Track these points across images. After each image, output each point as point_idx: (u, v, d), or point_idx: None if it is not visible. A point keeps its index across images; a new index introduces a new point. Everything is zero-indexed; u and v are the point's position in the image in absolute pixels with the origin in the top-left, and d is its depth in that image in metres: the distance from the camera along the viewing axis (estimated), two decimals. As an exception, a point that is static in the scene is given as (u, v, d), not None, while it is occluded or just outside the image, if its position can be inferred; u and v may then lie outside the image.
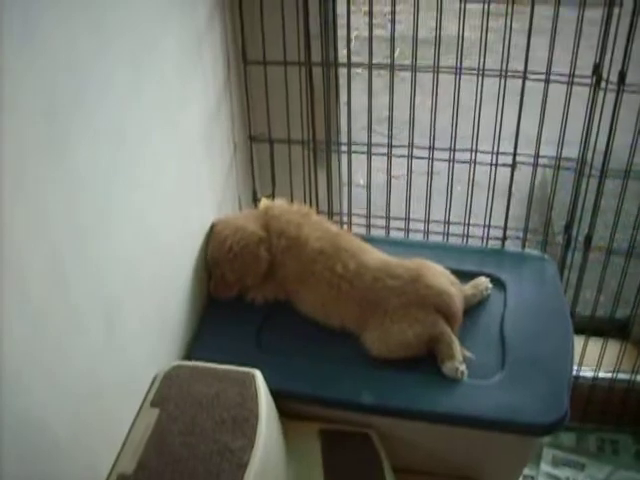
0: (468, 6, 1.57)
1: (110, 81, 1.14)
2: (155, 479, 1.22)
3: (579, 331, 1.89)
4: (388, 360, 1.50)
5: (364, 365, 1.50)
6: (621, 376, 1.95)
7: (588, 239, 1.74)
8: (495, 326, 1.58)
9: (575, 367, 1.93)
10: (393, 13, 1.61)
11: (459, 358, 1.48)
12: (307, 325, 1.59)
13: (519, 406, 1.40)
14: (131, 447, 1.27)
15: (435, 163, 1.76)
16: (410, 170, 1.78)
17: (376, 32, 1.66)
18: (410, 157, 1.76)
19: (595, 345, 1.95)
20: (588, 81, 1.59)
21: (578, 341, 1.89)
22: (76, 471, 1.12)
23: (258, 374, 1.38)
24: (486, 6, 1.56)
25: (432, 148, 1.74)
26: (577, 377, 1.96)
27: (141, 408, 1.34)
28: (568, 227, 1.77)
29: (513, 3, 1.54)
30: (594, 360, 1.96)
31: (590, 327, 1.92)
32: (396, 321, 1.51)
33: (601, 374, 1.97)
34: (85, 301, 1.10)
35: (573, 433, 2.03)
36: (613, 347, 1.97)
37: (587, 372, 1.98)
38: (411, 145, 1.75)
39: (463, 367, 1.47)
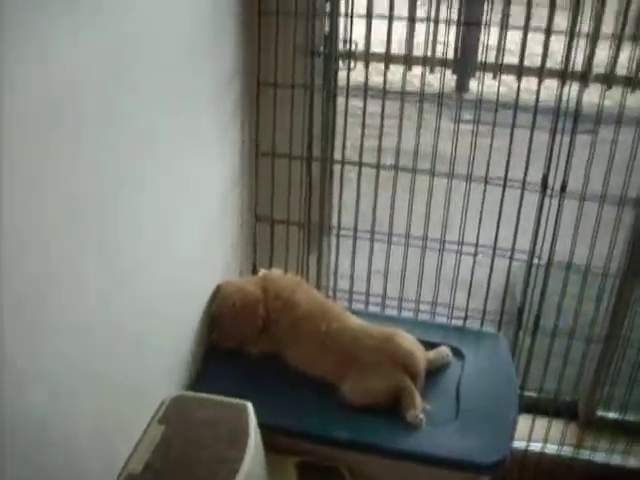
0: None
1: (162, 163, 1.49)
2: (159, 478, 1.46)
3: (527, 410, 2.18)
4: (360, 407, 1.77)
5: (339, 409, 1.76)
6: (566, 450, 2.21)
7: (536, 321, 2.05)
8: (452, 386, 1.86)
9: (525, 442, 2.20)
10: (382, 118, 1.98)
11: (419, 408, 1.74)
12: (293, 374, 1.85)
13: (468, 448, 1.66)
14: (139, 453, 1.51)
15: (410, 250, 2.09)
16: (389, 255, 2.10)
17: (367, 143, 2.04)
18: (389, 243, 2.09)
19: (542, 422, 2.23)
20: (538, 188, 1.94)
21: (527, 418, 2.17)
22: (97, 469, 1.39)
23: (249, 405, 1.64)
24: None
25: (408, 236, 2.07)
26: (526, 451, 2.21)
27: (149, 425, 1.59)
28: (520, 310, 2.08)
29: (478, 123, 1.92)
30: (541, 436, 2.22)
31: (538, 406, 2.21)
32: (370, 374, 1.79)
33: (548, 448, 2.23)
34: (121, 330, 1.40)
35: (522, 501, 2.26)
36: (558, 425, 2.24)
37: (535, 447, 2.23)
38: (390, 234, 2.08)
39: (422, 416, 1.73)
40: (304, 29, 1.91)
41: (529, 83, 1.96)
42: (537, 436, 2.22)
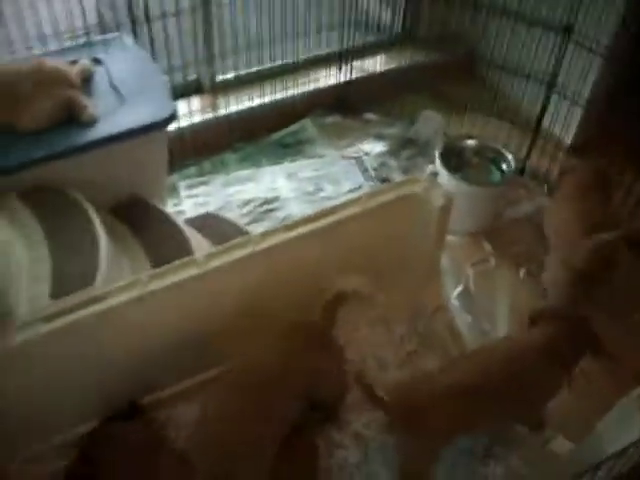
0: None
1: None
2: None
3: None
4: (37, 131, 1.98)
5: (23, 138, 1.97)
6: (207, 115, 2.77)
7: (146, 15, 2.38)
8: (106, 85, 2.14)
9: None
10: None
11: (90, 107, 2.02)
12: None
13: (146, 115, 2.03)
14: None
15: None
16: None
17: None
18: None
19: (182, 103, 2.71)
20: None
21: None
22: None
23: None
24: None
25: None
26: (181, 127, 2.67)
27: None
28: (130, 7, 2.38)
29: None
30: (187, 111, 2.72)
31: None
32: (33, 100, 1.97)
33: (196, 119, 2.74)
34: None
35: (194, 167, 2.77)
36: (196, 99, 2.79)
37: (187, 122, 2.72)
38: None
39: (93, 111, 2.01)
40: None
41: None
42: (184, 112, 2.69)
